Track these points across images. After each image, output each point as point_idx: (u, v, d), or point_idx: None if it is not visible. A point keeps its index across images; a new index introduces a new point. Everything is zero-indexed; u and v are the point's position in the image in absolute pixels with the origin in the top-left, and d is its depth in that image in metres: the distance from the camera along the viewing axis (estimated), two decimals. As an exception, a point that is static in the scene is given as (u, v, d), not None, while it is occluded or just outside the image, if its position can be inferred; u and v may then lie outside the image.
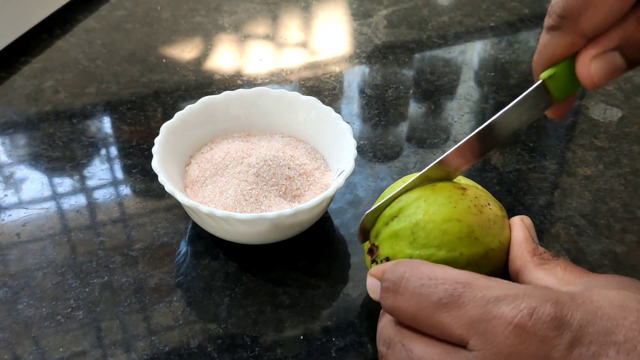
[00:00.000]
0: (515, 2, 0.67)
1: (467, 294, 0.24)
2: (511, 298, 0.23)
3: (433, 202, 0.31)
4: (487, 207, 0.32)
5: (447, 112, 0.53)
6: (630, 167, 0.47)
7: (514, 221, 0.33)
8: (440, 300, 0.24)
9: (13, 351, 0.34)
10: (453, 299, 0.24)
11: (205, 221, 0.37)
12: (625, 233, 0.41)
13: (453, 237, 0.31)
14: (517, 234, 0.32)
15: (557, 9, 0.29)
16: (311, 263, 0.39)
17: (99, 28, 0.61)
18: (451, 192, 0.32)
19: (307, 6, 0.66)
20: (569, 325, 0.23)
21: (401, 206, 0.32)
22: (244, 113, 0.44)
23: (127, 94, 0.53)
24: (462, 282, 0.25)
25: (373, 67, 0.58)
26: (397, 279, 0.26)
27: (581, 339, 0.22)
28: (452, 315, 0.24)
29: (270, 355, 0.34)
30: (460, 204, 0.31)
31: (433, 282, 0.25)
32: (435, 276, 0.25)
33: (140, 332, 0.35)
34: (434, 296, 0.25)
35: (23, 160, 0.46)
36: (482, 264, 0.31)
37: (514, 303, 0.23)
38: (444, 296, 0.24)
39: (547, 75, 0.31)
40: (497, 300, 0.23)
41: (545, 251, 0.31)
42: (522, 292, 0.24)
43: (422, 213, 0.31)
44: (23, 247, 0.39)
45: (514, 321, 0.23)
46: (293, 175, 0.40)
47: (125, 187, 0.44)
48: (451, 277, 0.25)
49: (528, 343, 0.23)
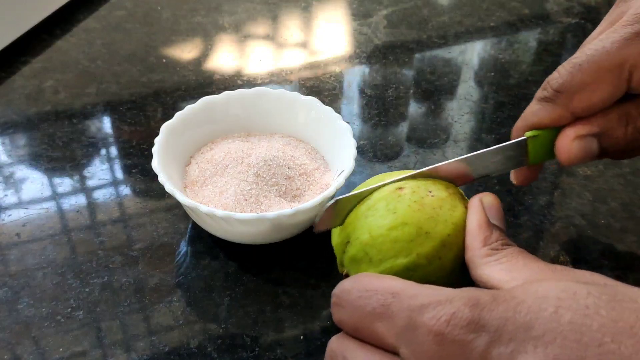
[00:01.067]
0: (515, 2, 0.67)
1: (396, 304, 0.24)
2: (433, 305, 0.23)
3: (373, 216, 0.31)
4: (428, 197, 0.31)
5: (447, 112, 0.53)
6: (630, 167, 0.47)
7: (470, 203, 0.31)
8: (374, 310, 0.25)
9: (13, 351, 0.34)
10: (384, 309, 0.25)
11: (205, 221, 0.37)
12: (625, 233, 0.41)
13: (404, 242, 0.30)
14: (471, 220, 0.31)
15: (554, 83, 0.31)
16: (311, 263, 0.39)
17: (99, 28, 0.61)
18: (387, 200, 0.31)
19: (307, 6, 0.66)
20: (486, 327, 0.22)
21: (348, 231, 0.32)
22: (244, 113, 0.44)
23: (127, 94, 0.53)
24: (392, 291, 0.25)
25: (373, 67, 0.58)
26: (341, 293, 0.27)
27: (500, 338, 0.22)
28: (384, 325, 0.25)
29: (270, 355, 0.34)
30: (399, 207, 0.31)
31: (368, 294, 0.25)
32: (372, 287, 0.26)
33: (140, 332, 0.35)
34: (368, 307, 0.25)
35: (23, 160, 0.46)
36: (443, 254, 0.30)
37: (434, 310, 0.23)
38: (377, 306, 0.25)
39: (531, 135, 0.33)
40: (421, 308, 0.23)
41: (498, 238, 0.29)
42: (445, 297, 0.23)
43: (367, 232, 0.31)
44: (23, 247, 0.39)
45: (434, 329, 0.23)
46: (293, 175, 0.40)
47: (125, 187, 0.44)
48: (384, 287, 0.25)
49: (447, 349, 0.22)
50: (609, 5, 0.33)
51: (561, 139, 0.32)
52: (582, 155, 0.31)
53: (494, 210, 0.31)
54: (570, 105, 0.31)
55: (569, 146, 0.31)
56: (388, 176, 0.34)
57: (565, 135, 0.32)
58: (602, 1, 0.67)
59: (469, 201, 0.32)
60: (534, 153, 0.33)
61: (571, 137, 0.31)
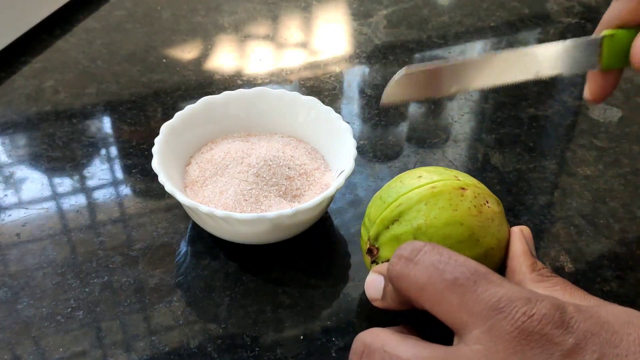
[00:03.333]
0: (515, 2, 0.67)
1: (484, 284, 0.25)
2: (524, 300, 0.24)
3: (434, 206, 0.31)
4: (485, 206, 0.32)
5: (447, 112, 0.53)
6: (630, 167, 0.47)
7: (513, 231, 0.33)
8: (456, 280, 0.25)
9: (13, 351, 0.34)
10: (468, 283, 0.25)
11: (205, 221, 0.37)
12: (625, 233, 0.41)
13: (454, 241, 0.31)
14: (517, 247, 0.32)
15: None
16: (311, 263, 0.39)
17: (99, 28, 0.61)
18: (451, 194, 0.32)
19: (307, 6, 0.66)
20: (574, 332, 0.23)
21: (401, 210, 0.32)
22: (244, 113, 0.44)
23: (127, 94, 0.53)
24: (481, 272, 0.25)
25: (373, 67, 0.58)
26: (415, 249, 0.26)
27: (585, 346, 0.23)
28: (464, 299, 0.24)
29: (270, 355, 0.34)
30: (460, 206, 0.31)
31: (453, 262, 0.25)
32: (456, 258, 0.26)
33: (140, 332, 0.35)
34: (450, 274, 0.25)
35: (23, 160, 0.46)
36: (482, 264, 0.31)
37: (526, 306, 0.24)
38: (461, 277, 0.25)
39: (609, 33, 0.30)
40: (510, 299, 0.24)
41: (543, 267, 0.31)
42: (535, 297, 0.24)
43: (423, 217, 0.31)
44: (23, 247, 0.39)
45: (523, 324, 0.23)
46: (293, 175, 0.40)
47: (125, 187, 0.44)
48: (471, 264, 0.25)
49: (532, 346, 0.23)
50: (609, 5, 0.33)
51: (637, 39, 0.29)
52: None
53: (530, 242, 0.33)
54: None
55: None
56: None
57: None
58: (602, 1, 0.67)
59: (511, 229, 0.33)
60: (608, 55, 0.30)
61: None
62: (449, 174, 0.33)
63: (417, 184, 0.33)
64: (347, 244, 0.40)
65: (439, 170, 0.34)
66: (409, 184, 0.33)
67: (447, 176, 0.33)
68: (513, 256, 0.31)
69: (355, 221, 0.42)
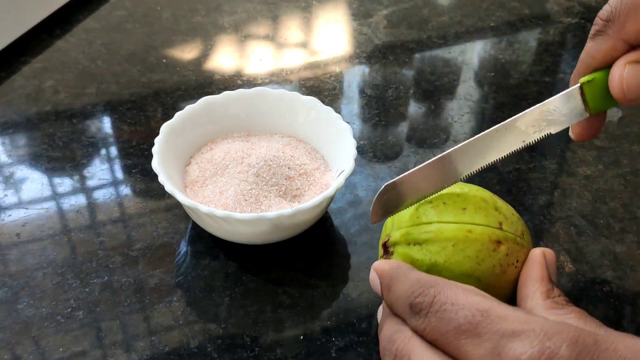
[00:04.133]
0: (515, 2, 0.67)
1: (484, 324, 0.24)
2: (526, 334, 0.23)
3: (460, 251, 0.30)
4: (512, 266, 0.31)
5: (447, 112, 0.53)
6: (630, 167, 0.47)
7: (533, 255, 0.31)
8: (460, 326, 0.24)
9: (13, 351, 0.34)
10: (471, 327, 0.24)
11: (205, 221, 0.37)
12: (625, 233, 0.41)
13: None
14: (534, 272, 0.30)
15: (603, 14, 0.30)
16: (311, 263, 0.39)
17: (99, 28, 0.61)
18: (483, 246, 0.30)
19: (307, 6, 0.66)
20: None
21: (429, 237, 0.31)
22: (244, 113, 0.44)
23: (127, 94, 0.53)
24: (481, 309, 0.24)
25: (373, 67, 0.58)
26: (426, 304, 0.26)
27: None
28: (469, 343, 0.24)
29: (270, 355, 0.34)
30: (486, 262, 0.30)
31: (454, 308, 0.25)
32: (457, 301, 0.25)
33: (140, 332, 0.35)
34: (454, 322, 0.24)
35: (23, 160, 0.46)
36: None
37: (528, 340, 0.22)
38: (464, 323, 0.24)
39: (586, 80, 0.30)
40: (512, 334, 0.23)
41: (560, 294, 0.29)
42: (540, 328, 0.23)
43: (444, 257, 0.30)
44: (23, 247, 0.39)
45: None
46: (293, 175, 0.40)
47: (125, 187, 0.44)
48: (472, 304, 0.25)
49: None
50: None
51: (613, 71, 0.29)
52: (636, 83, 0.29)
53: (552, 266, 0.31)
54: (623, 32, 0.29)
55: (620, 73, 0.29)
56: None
57: (617, 65, 0.29)
58: (602, 1, 0.67)
59: (532, 251, 0.31)
60: (592, 99, 0.30)
61: (624, 62, 0.29)
62: (495, 217, 0.31)
63: (456, 219, 0.31)
64: (347, 244, 0.40)
65: (487, 205, 0.32)
66: (450, 214, 0.31)
67: (491, 221, 0.31)
68: (527, 280, 0.30)
69: (355, 221, 0.42)
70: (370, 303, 0.37)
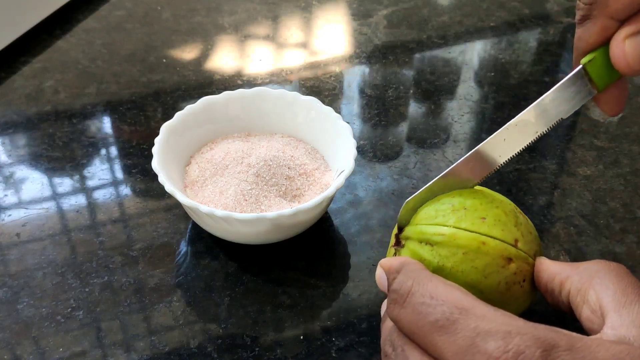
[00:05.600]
0: (515, 2, 0.67)
1: (461, 321, 0.24)
2: (501, 334, 0.23)
3: (469, 261, 0.30)
4: (518, 285, 0.30)
5: (447, 112, 0.53)
6: (630, 167, 0.47)
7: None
8: (437, 321, 0.24)
9: (13, 351, 0.34)
10: (448, 323, 0.24)
11: (205, 221, 0.37)
12: (625, 233, 0.41)
13: None
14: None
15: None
16: (311, 263, 0.39)
17: (99, 28, 0.61)
18: (493, 261, 0.30)
19: (307, 6, 0.66)
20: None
21: (442, 240, 0.30)
22: (244, 113, 0.44)
23: (127, 94, 0.53)
24: (460, 307, 0.24)
25: (373, 67, 0.58)
26: (404, 292, 0.26)
27: None
28: (444, 340, 0.24)
29: (270, 355, 0.34)
30: (492, 277, 0.30)
31: (433, 302, 0.25)
32: (437, 296, 0.25)
33: (140, 332, 0.35)
34: (431, 316, 0.24)
35: (23, 160, 0.46)
36: None
37: (502, 340, 0.22)
38: (441, 318, 0.24)
39: (587, 60, 0.30)
40: (487, 334, 0.23)
41: None
42: (516, 329, 0.23)
43: (452, 263, 0.30)
44: (23, 247, 0.39)
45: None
46: (293, 175, 0.40)
47: (125, 187, 0.44)
48: (451, 300, 0.25)
49: None
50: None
51: (614, 46, 0.29)
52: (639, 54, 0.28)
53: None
54: (608, 10, 0.29)
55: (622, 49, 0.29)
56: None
57: (616, 39, 0.29)
58: (602, 1, 0.67)
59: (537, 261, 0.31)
60: (598, 77, 0.30)
61: (622, 38, 0.29)
62: (512, 234, 0.31)
63: (473, 228, 0.30)
64: (347, 244, 0.40)
65: (508, 219, 0.31)
66: (469, 220, 0.31)
67: (507, 236, 0.30)
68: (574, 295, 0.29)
69: (355, 221, 0.42)
70: (370, 303, 0.37)
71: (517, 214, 0.32)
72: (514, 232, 0.31)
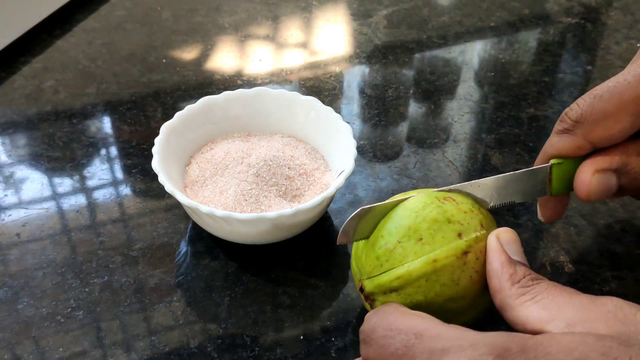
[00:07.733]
0: (515, 2, 0.67)
1: (417, 346, 0.24)
2: (454, 349, 0.23)
3: (434, 282, 0.29)
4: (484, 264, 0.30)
5: (447, 112, 0.53)
6: (630, 167, 0.47)
7: (488, 242, 0.30)
8: (397, 351, 0.25)
9: (13, 351, 0.34)
10: (406, 350, 0.24)
11: (205, 221, 0.37)
12: (625, 233, 0.41)
13: (456, 313, 0.30)
14: (492, 261, 0.29)
15: (573, 114, 0.31)
16: (311, 263, 0.39)
17: (99, 28, 0.61)
18: (453, 267, 0.29)
19: (307, 6, 0.66)
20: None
21: (400, 284, 0.30)
22: (244, 113, 0.44)
23: (127, 94, 0.53)
24: (416, 331, 0.25)
25: (373, 67, 0.58)
26: (369, 330, 0.26)
27: None
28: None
29: (270, 355, 0.34)
30: (462, 279, 0.29)
31: (392, 333, 0.25)
32: (396, 326, 0.25)
33: (140, 332, 0.35)
34: (392, 347, 0.25)
35: (23, 160, 0.46)
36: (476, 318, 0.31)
37: (455, 356, 0.23)
38: (400, 347, 0.25)
39: (557, 162, 0.32)
40: (442, 352, 0.23)
41: (525, 273, 0.28)
42: (469, 342, 0.23)
43: (423, 295, 0.29)
44: (23, 247, 0.39)
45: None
46: (293, 175, 0.40)
47: (125, 187, 0.44)
48: (408, 327, 0.25)
49: None
50: (609, 5, 0.33)
51: (580, 173, 0.31)
52: (600, 190, 0.31)
53: (512, 245, 0.29)
54: (591, 136, 0.31)
55: (588, 180, 0.31)
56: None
57: (584, 169, 0.31)
58: (602, 1, 0.67)
59: (487, 241, 0.30)
60: (557, 182, 0.32)
61: (591, 171, 0.31)
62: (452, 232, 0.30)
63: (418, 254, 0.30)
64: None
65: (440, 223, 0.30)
66: (410, 250, 0.30)
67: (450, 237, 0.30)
68: (491, 274, 0.29)
69: (355, 221, 0.42)
70: (370, 303, 0.37)
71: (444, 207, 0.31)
72: (452, 228, 0.30)
